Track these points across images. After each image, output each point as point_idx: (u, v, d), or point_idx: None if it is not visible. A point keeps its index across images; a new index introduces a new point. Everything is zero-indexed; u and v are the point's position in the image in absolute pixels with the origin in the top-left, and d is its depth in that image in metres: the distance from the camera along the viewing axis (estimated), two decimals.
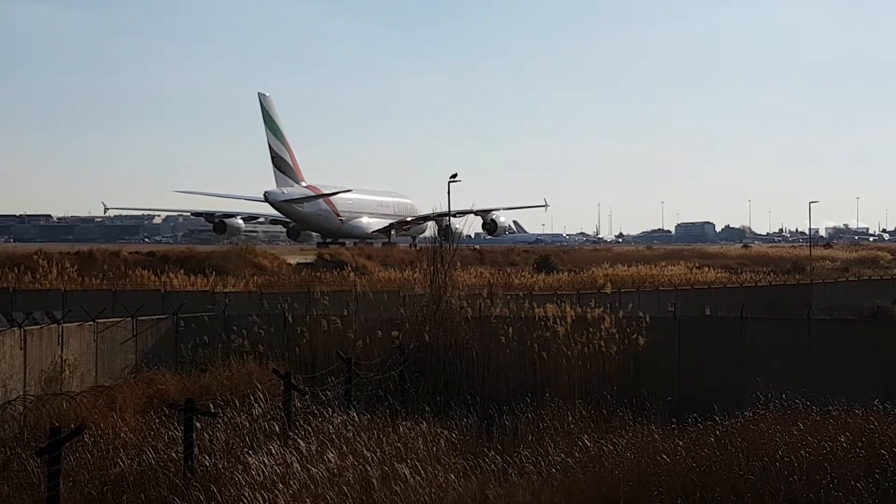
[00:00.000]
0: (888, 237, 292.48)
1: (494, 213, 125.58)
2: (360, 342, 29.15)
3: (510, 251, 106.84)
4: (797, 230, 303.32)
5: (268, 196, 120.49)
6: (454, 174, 55.30)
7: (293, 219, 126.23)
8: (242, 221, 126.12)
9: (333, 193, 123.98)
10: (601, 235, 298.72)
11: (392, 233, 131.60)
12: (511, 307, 32.47)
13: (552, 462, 18.49)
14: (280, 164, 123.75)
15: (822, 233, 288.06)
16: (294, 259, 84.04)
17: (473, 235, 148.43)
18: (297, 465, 17.11)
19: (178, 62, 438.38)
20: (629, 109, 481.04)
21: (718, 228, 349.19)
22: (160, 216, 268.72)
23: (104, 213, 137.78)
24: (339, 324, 30.18)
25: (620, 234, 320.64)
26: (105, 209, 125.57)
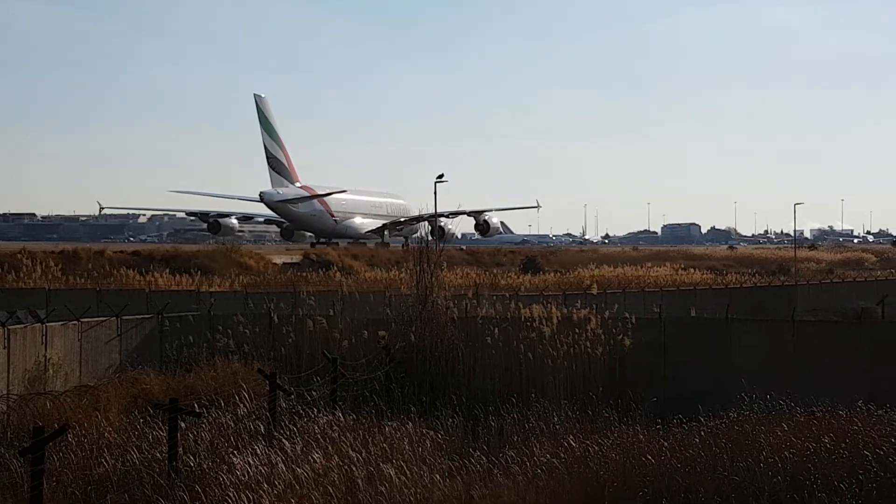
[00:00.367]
0: (872, 239, 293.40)
1: (487, 214, 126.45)
2: (346, 342, 29.13)
3: (496, 252, 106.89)
4: (782, 232, 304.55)
5: (263, 196, 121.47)
6: (440, 174, 55.42)
7: (288, 219, 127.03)
8: (237, 221, 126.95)
9: (328, 194, 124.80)
10: (587, 236, 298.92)
11: (385, 233, 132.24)
12: (497, 308, 32.47)
13: (537, 462, 18.50)
14: (275, 165, 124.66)
15: (807, 234, 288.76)
16: (280, 259, 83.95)
17: (461, 236, 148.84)
18: (282, 466, 17.07)
19: (173, 62, 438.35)
20: (615, 111, 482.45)
21: (704, 230, 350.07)
22: (145, 215, 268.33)
23: (99, 212, 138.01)
24: (325, 324, 30.15)
25: (606, 235, 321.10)
26: (100, 208, 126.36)
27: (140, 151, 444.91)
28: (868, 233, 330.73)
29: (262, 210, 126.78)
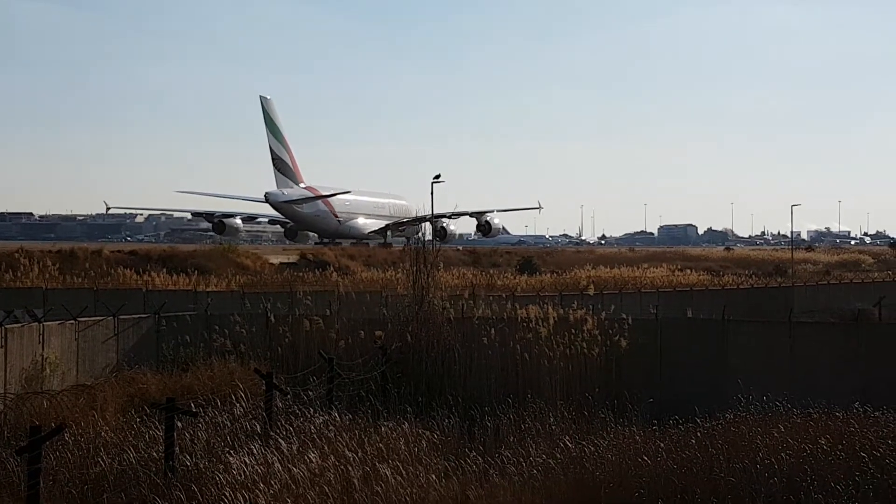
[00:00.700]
0: (869, 241, 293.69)
1: (489, 215, 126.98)
2: (343, 342, 29.12)
3: (493, 252, 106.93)
4: (779, 233, 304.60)
5: (268, 197, 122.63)
6: (437, 175, 55.51)
7: (292, 219, 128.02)
8: (241, 222, 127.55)
9: (332, 195, 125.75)
10: (584, 237, 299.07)
11: (388, 233, 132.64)
12: (493, 308, 32.47)
13: (533, 463, 18.51)
14: (280, 166, 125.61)
15: (804, 236, 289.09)
16: (277, 259, 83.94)
17: (459, 236, 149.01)
18: (279, 465, 17.08)
19: (173, 62, 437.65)
20: (615, 111, 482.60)
21: (701, 231, 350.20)
22: (143, 215, 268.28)
23: (106, 211, 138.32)
24: (322, 324, 30.15)
25: (603, 236, 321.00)
26: (107, 208, 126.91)
27: (140, 151, 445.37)
28: (865, 234, 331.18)
29: (267, 210, 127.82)
